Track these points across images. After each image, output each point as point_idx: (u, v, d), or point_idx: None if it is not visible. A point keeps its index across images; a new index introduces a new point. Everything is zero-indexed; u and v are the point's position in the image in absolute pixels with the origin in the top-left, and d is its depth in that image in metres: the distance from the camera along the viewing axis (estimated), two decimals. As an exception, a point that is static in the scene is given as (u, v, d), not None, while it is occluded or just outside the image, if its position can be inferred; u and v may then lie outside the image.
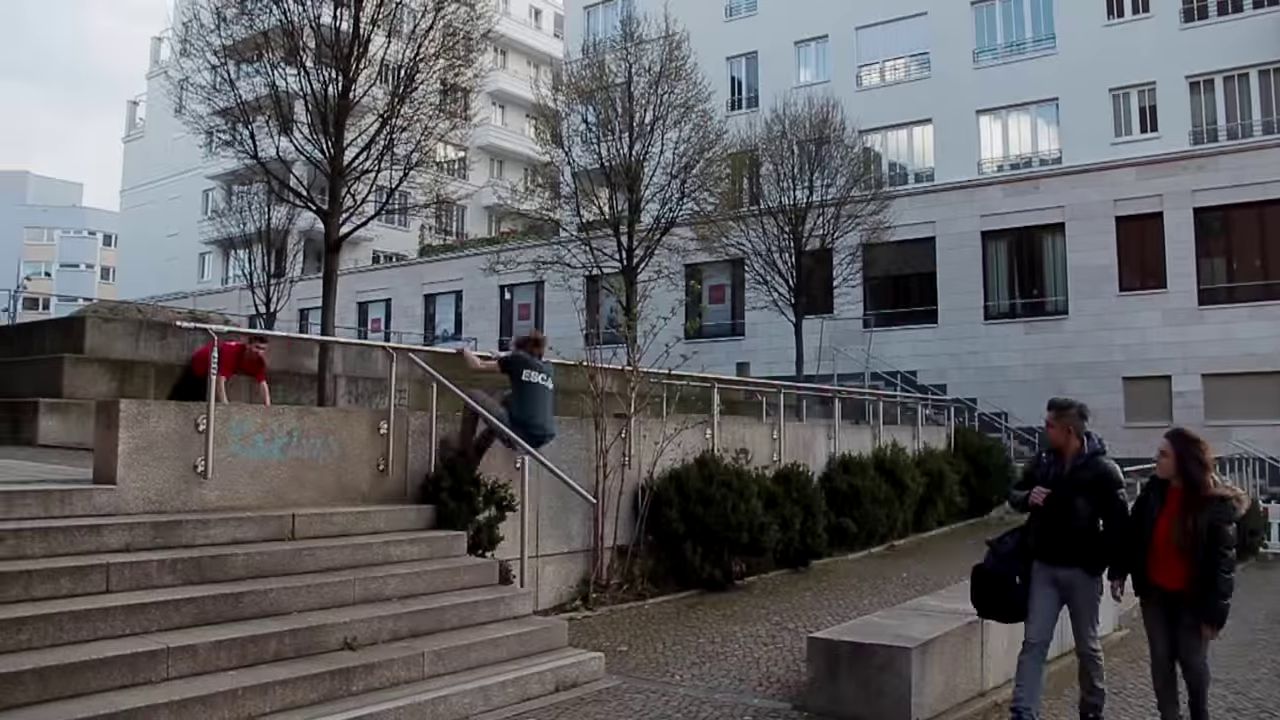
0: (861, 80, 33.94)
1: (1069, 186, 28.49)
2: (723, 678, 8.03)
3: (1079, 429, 6.91)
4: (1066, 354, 27.75)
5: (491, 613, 8.02)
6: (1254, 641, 11.01)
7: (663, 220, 24.48)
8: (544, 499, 10.19)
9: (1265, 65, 28.06)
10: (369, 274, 44.55)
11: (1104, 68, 29.35)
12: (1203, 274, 26.97)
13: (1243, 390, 25.68)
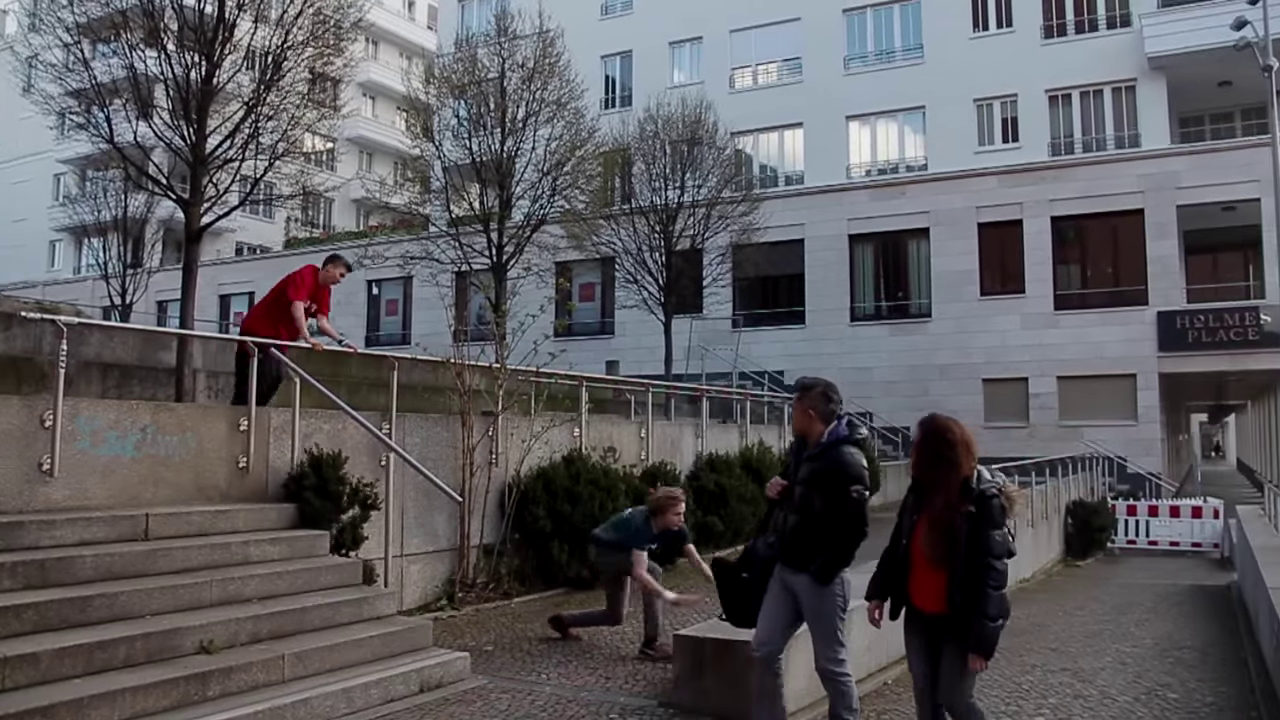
0: (735, 82, 34.33)
1: (934, 193, 29.33)
2: (589, 676, 7.99)
3: (822, 412, 5.92)
4: (930, 355, 28.56)
5: (355, 613, 7.84)
6: (1100, 632, 11.44)
7: (533, 217, 24.31)
8: (410, 498, 10.04)
9: (1118, 83, 29.36)
10: (232, 266, 43.22)
11: (969, 79, 30.30)
12: (1059, 280, 28.07)
13: (1094, 392, 26.85)
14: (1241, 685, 8.92)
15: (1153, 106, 28.89)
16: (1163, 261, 26.97)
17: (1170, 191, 26.91)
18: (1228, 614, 13.02)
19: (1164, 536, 21.45)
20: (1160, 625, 12.03)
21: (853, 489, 5.70)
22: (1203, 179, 26.74)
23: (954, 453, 5.19)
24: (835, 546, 5.74)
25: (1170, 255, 27.16)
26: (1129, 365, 26.64)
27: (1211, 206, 27.32)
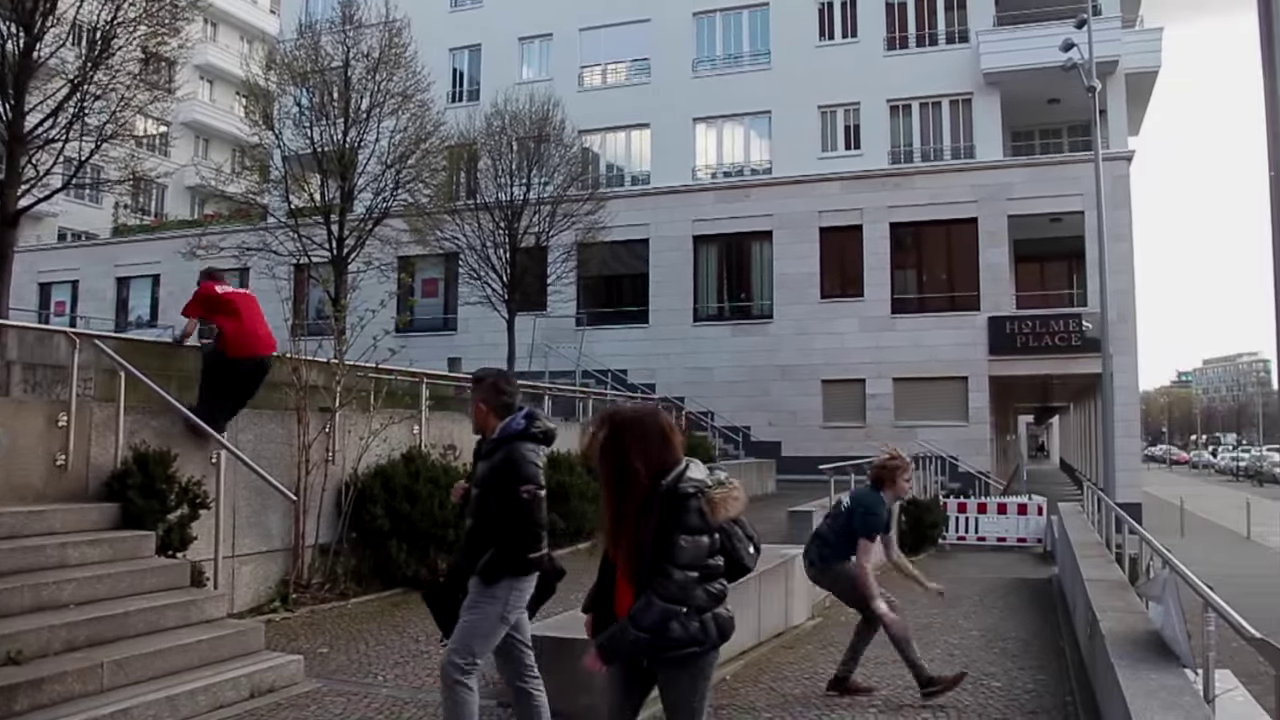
0: (583, 81, 34.23)
1: (778, 196, 29.84)
2: (427, 677, 7.74)
3: (495, 405, 5.48)
4: (771, 356, 29.02)
5: (182, 617, 7.47)
6: (930, 624, 11.67)
7: (376, 210, 23.74)
8: (242, 497, 9.61)
9: (956, 96, 30.33)
10: (53, 253, 41.08)
11: (814, 86, 30.86)
12: (896, 285, 28.92)
13: (928, 393, 27.73)
14: (1059, 672, 9.22)
15: (987, 120, 29.96)
16: (994, 269, 28.05)
17: (1002, 202, 28.04)
18: (1049, 606, 13.48)
19: (992, 533, 22.15)
20: (986, 617, 12.37)
21: (523, 489, 5.18)
22: (1032, 191, 27.95)
23: (628, 441, 4.19)
24: (503, 547, 5.22)
25: (1001, 263, 28.26)
26: (961, 368, 27.62)
27: (1040, 218, 28.59)
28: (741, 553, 4.46)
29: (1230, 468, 77.51)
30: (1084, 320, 25.73)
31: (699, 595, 4.20)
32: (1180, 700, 5.61)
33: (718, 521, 4.24)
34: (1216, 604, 6.04)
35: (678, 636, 4.16)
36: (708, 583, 4.26)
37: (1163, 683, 5.99)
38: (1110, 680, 6.45)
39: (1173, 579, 7.32)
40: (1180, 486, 53.52)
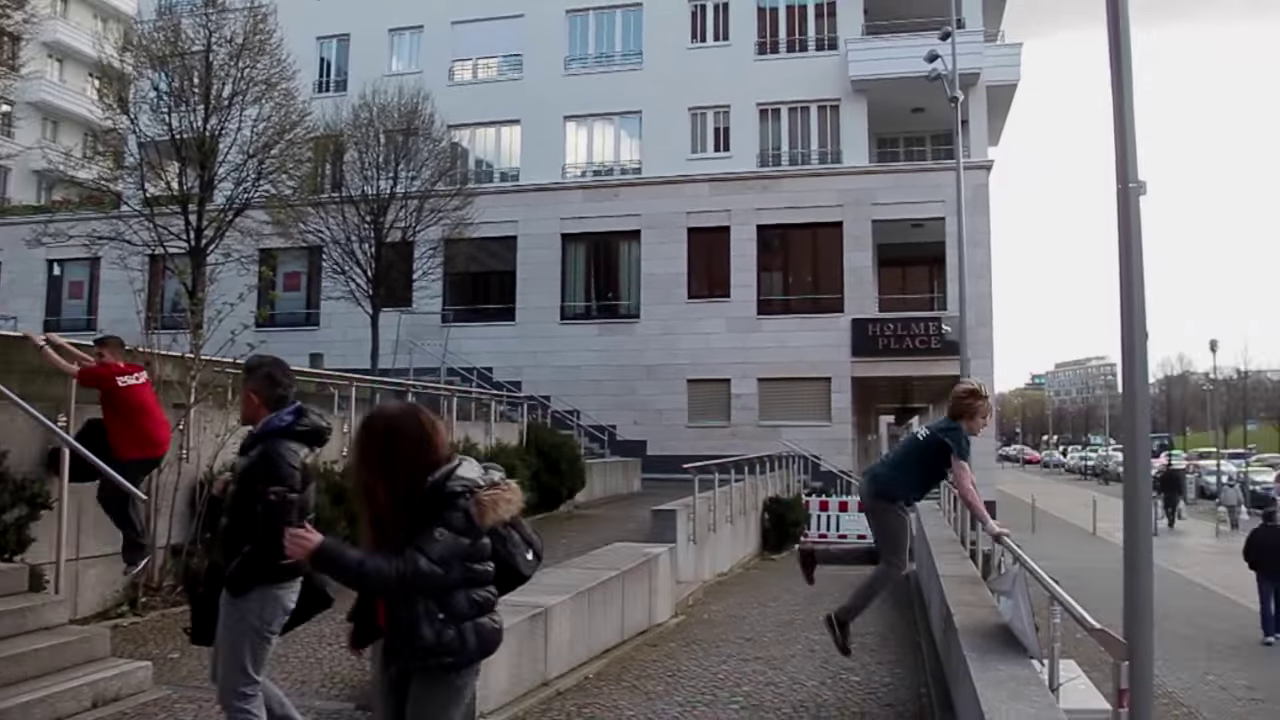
0: (454, 75, 33.76)
1: (647, 196, 29.92)
2: (284, 681, 7.45)
3: (267, 397, 5.16)
4: (637, 356, 29.08)
5: (17, 624, 7.00)
6: (792, 621, 11.81)
7: (236, 201, 22.94)
8: (88, 496, 9.10)
9: (824, 102, 30.79)
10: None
11: (685, 87, 30.98)
12: (762, 286, 29.29)
13: (792, 394, 28.16)
14: (915, 665, 9.41)
15: (854, 126, 30.51)
16: (858, 272, 28.62)
17: (867, 207, 28.64)
18: (906, 601, 13.74)
19: (852, 530, 22.53)
20: (847, 613, 12.54)
21: (271, 490, 4.78)
22: (896, 197, 28.63)
23: (394, 446, 3.91)
24: (252, 553, 4.81)
25: (865, 266, 28.85)
26: (825, 369, 28.12)
27: (903, 223, 29.30)
28: (518, 559, 4.18)
29: (1079, 467, 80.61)
30: (944, 324, 26.44)
31: (459, 601, 3.88)
32: (1027, 690, 5.75)
33: (486, 524, 3.91)
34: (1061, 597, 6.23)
35: (428, 644, 3.82)
36: (471, 588, 3.93)
37: (1011, 673, 6.12)
38: (962, 672, 6.56)
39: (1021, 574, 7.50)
40: (1032, 485, 55.43)
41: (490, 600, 4.03)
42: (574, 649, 8.51)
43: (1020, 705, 5.41)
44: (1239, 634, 16.23)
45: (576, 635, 8.56)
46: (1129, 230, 6.49)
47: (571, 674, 8.29)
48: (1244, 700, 11.75)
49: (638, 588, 10.44)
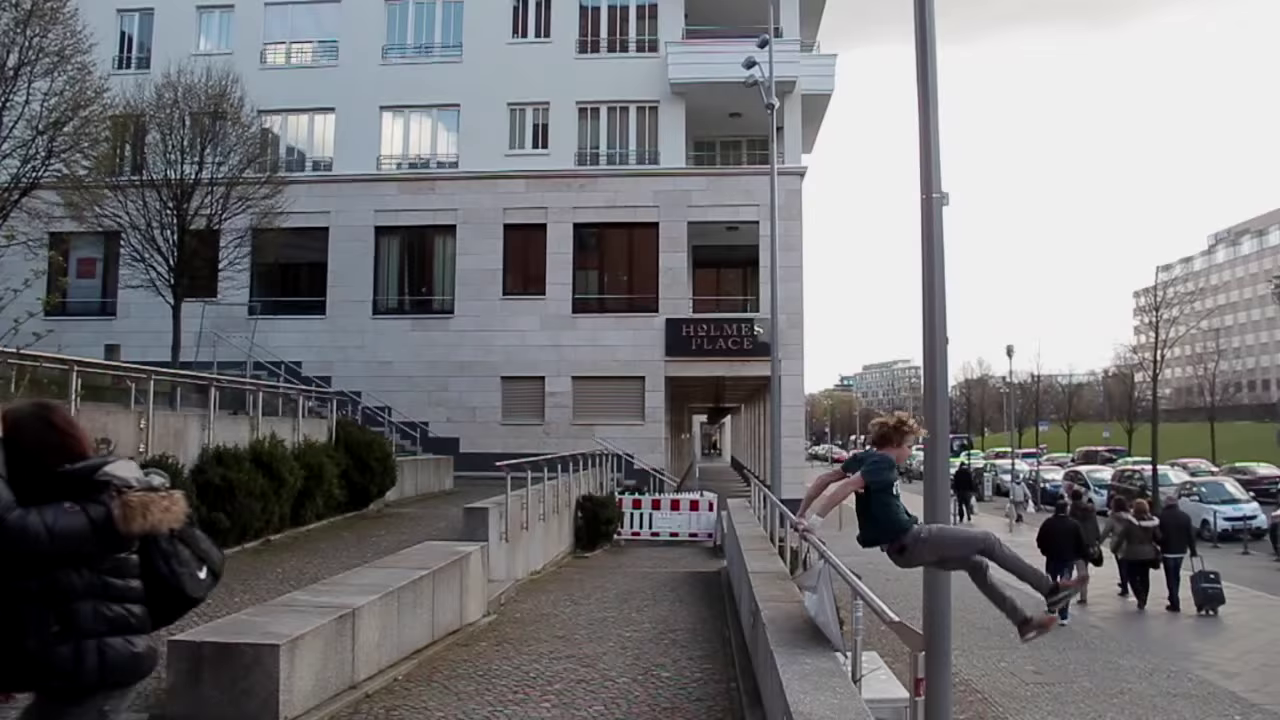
0: (266, 58, 32.53)
1: (464, 191, 29.57)
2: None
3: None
4: (451, 352, 28.73)
5: None
6: (604, 619, 11.86)
7: (23, 180, 21.55)
8: None
9: (643, 103, 31.00)
10: None
11: (505, 82, 30.70)
12: (578, 284, 29.33)
13: (607, 392, 28.32)
14: (725, 661, 9.56)
15: (672, 128, 30.84)
16: (673, 273, 28.98)
17: (683, 208, 29.04)
18: (718, 597, 13.98)
19: (665, 528, 22.84)
20: (658, 610, 12.68)
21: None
22: (712, 200, 29.14)
23: (22, 442, 3.55)
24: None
25: (680, 267, 29.24)
26: (639, 368, 28.37)
27: (718, 225, 29.84)
28: (184, 579, 3.70)
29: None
30: (756, 325, 27.00)
31: (83, 613, 3.39)
32: (831, 681, 5.90)
33: (133, 529, 3.43)
34: (863, 592, 6.44)
35: (32, 658, 3.30)
36: (103, 600, 3.45)
37: (816, 665, 6.27)
38: (770, 665, 6.69)
39: (826, 570, 7.71)
40: (837, 484, 57.09)
41: (127, 620, 3.51)
42: (383, 650, 8.33)
43: (824, 696, 5.55)
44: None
45: (386, 636, 8.37)
46: (931, 239, 6.74)
47: (380, 676, 8.11)
48: (1032, 684, 12.40)
49: (449, 587, 10.29)
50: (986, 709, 11.19)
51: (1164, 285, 45.03)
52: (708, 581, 15.99)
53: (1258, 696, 11.76)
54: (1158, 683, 12.50)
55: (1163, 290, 40.80)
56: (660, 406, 28.71)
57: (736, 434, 69.33)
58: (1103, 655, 14.24)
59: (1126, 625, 17.15)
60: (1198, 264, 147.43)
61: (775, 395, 22.56)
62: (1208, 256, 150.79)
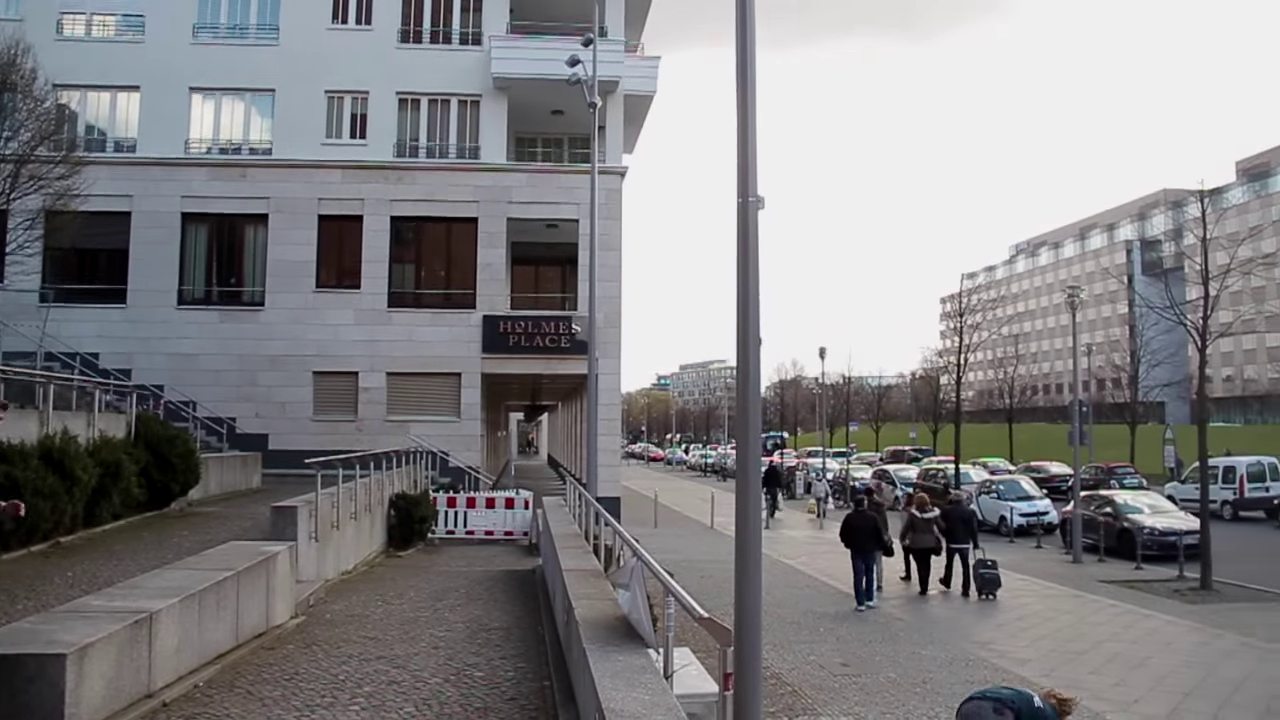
0: (63, 29, 30.61)
1: (277, 179, 28.61)
2: None
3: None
4: (261, 345, 27.75)
5: None
6: (417, 619, 11.70)
7: None
8: None
9: (465, 96, 30.58)
10: None
11: (322, 69, 29.79)
12: (395, 278, 28.76)
13: (422, 389, 27.91)
14: (539, 659, 9.55)
15: (494, 123, 30.52)
16: (492, 269, 28.75)
17: (503, 204, 28.83)
18: (533, 596, 13.97)
19: (480, 526, 22.67)
20: (472, 609, 12.58)
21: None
22: (533, 196, 29.03)
23: None
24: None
25: (499, 264, 29.03)
26: (455, 364, 28.06)
27: (538, 222, 29.76)
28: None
29: (700, 464, 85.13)
30: (574, 323, 27.04)
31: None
32: (643, 678, 5.96)
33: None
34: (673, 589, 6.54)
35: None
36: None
37: (629, 663, 6.33)
38: (583, 663, 6.71)
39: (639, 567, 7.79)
40: (656, 481, 57.96)
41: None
42: (183, 656, 8.00)
43: (636, 693, 5.60)
44: (836, 613, 17.65)
45: (186, 641, 8.04)
46: (746, 241, 6.87)
47: (180, 683, 7.79)
48: (840, 676, 12.80)
49: (255, 588, 9.95)
50: (796, 701, 11.50)
51: (968, 292, 47.24)
52: (523, 580, 15.96)
53: (1047, 680, 12.42)
54: (957, 671, 13.09)
55: (967, 297, 42.81)
56: (476, 404, 28.43)
57: (553, 432, 69.42)
58: (907, 646, 14.82)
59: (925, 616, 17.89)
60: (1000, 273, 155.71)
61: (592, 394, 22.69)
62: (1009, 266, 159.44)
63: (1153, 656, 14.24)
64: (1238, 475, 35.72)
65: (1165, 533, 25.11)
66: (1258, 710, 11.49)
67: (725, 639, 6.07)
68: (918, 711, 11.09)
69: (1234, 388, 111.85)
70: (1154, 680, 12.79)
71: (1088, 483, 35.79)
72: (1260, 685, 12.63)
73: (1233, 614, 17.73)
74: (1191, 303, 24.70)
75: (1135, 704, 11.53)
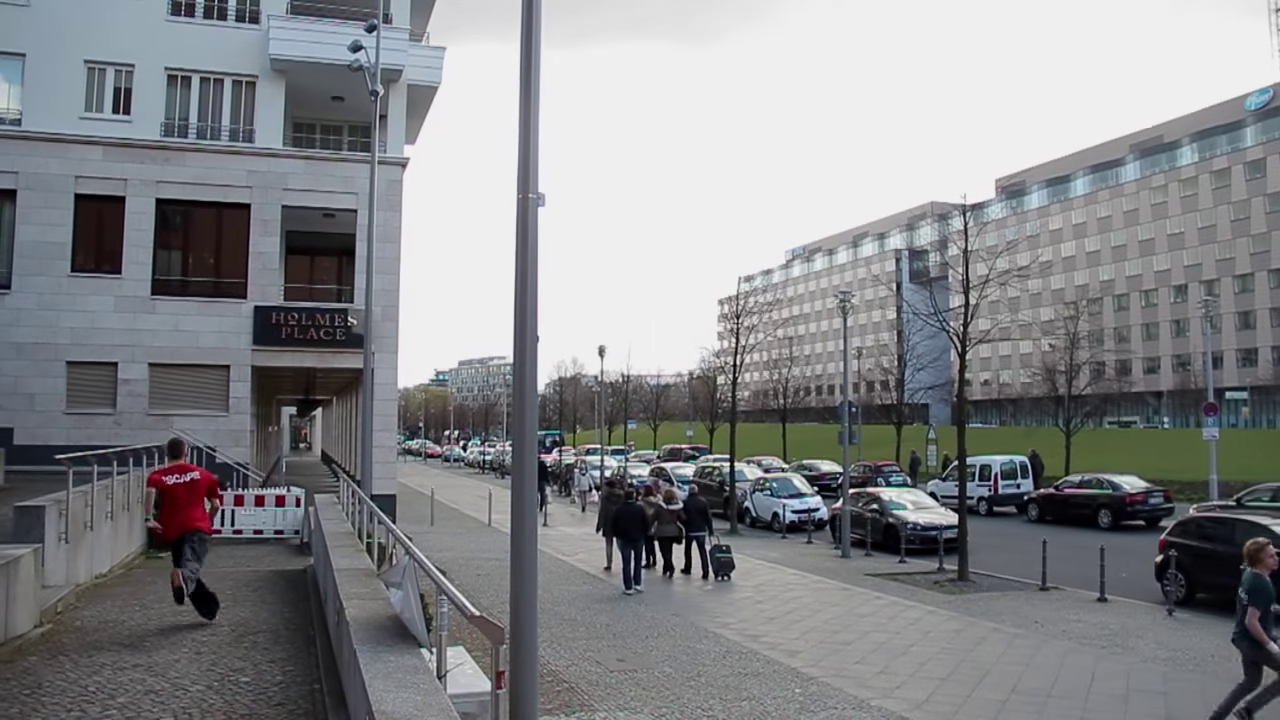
0: None
1: (27, 153, 26.52)
2: None
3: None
4: (8, 332, 25.72)
5: None
6: (177, 623, 11.17)
7: None
8: None
9: (240, 76, 29.27)
10: None
11: (83, 36, 27.79)
12: (159, 264, 27.22)
13: (188, 381, 26.59)
14: (309, 662, 9.28)
15: (270, 106, 29.32)
16: (265, 258, 27.64)
17: (279, 191, 27.74)
18: (304, 596, 13.57)
19: (249, 525, 21.86)
20: (239, 611, 12.10)
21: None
22: (310, 184, 28.04)
23: None
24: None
25: (272, 252, 27.94)
26: (223, 356, 26.85)
27: (315, 211, 28.79)
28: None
29: (479, 461, 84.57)
30: (350, 316, 26.33)
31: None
32: (415, 679, 5.89)
33: None
34: (446, 587, 6.49)
35: None
36: None
37: (401, 663, 6.24)
38: (353, 665, 6.58)
39: (411, 565, 7.69)
40: (433, 479, 57.26)
41: None
42: None
43: (407, 694, 5.53)
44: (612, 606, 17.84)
45: None
46: (526, 237, 6.90)
47: None
48: (616, 672, 12.93)
49: (-8, 595, 9.28)
50: (573, 698, 11.56)
51: (745, 295, 48.60)
52: (293, 580, 15.49)
53: (816, 670, 12.95)
54: (731, 664, 13.44)
55: (744, 299, 44.02)
56: (246, 397, 27.29)
57: (328, 427, 67.60)
58: (683, 641, 15.12)
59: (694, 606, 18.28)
60: (776, 276, 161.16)
61: (368, 389, 22.21)
62: (785, 270, 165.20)
63: (914, 645, 15.01)
64: (993, 473, 38.12)
65: (927, 528, 26.52)
66: (1006, 689, 12.28)
67: (497, 636, 6.06)
68: (693, 704, 11.33)
69: (991, 391, 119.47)
70: (915, 666, 13.48)
71: (856, 480, 37.38)
72: (1009, 667, 13.50)
73: (986, 603, 18.93)
74: (953, 310, 26.16)
75: (898, 689, 12.12)
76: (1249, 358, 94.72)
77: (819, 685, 12.22)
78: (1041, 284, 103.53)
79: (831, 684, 12.27)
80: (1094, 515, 32.42)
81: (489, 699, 6.79)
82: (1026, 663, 13.85)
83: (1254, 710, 9.93)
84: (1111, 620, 17.13)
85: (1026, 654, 14.44)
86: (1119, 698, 11.95)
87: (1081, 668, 13.53)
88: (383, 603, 8.23)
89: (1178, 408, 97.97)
